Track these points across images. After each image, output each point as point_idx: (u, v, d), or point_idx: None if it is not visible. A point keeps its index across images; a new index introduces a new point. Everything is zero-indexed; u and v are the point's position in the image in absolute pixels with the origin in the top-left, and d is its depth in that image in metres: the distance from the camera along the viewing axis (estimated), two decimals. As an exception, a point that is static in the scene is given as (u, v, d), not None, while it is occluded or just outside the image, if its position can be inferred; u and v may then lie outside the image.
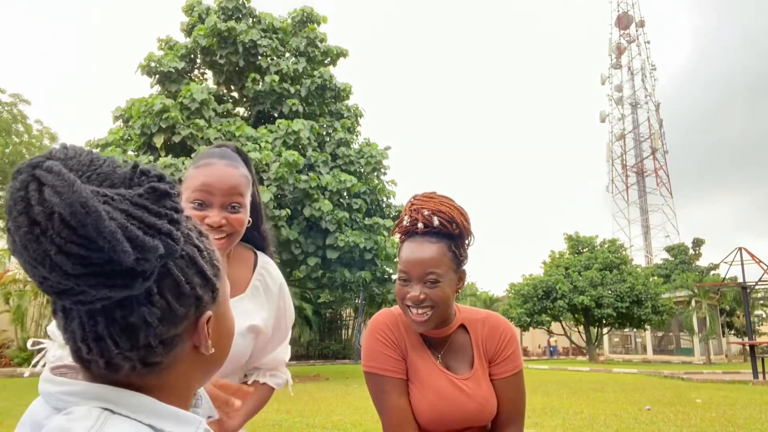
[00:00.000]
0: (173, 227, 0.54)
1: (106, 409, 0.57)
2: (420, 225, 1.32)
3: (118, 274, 0.51)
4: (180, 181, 1.25)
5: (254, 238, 1.46)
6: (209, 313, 0.62)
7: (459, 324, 1.43)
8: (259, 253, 1.46)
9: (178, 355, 0.61)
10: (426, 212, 1.32)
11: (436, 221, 1.31)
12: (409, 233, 1.36)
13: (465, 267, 1.39)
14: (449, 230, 1.32)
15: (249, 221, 1.32)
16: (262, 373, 1.44)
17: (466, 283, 1.41)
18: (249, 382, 1.42)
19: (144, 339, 0.56)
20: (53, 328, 1.12)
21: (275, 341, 1.45)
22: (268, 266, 1.45)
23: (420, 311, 1.31)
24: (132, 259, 0.50)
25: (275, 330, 1.44)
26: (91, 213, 0.47)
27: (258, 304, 1.39)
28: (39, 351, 1.22)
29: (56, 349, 1.15)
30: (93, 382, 0.59)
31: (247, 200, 1.32)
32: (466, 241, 1.38)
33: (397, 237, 1.43)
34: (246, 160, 1.38)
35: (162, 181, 0.55)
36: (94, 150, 0.55)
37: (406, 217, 1.36)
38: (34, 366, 1.16)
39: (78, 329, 0.56)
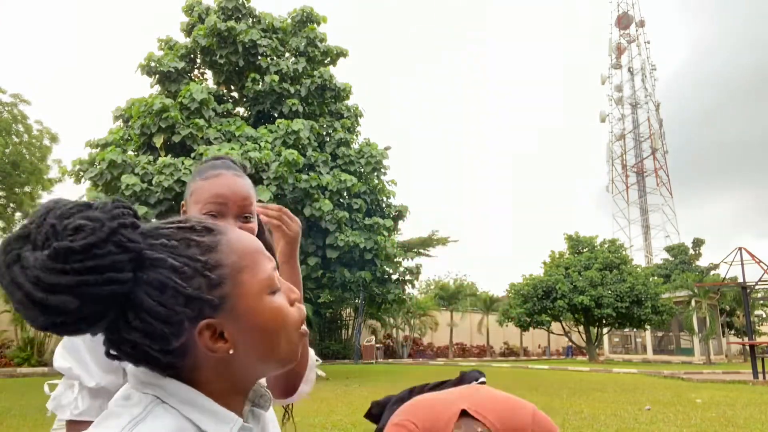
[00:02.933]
0: (85, 276, 0.54)
1: (157, 397, 0.60)
2: None
3: (59, 326, 0.56)
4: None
5: None
6: (205, 322, 0.59)
7: None
8: None
9: (197, 358, 0.60)
10: None
11: None
12: None
13: None
14: None
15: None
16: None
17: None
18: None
19: (149, 351, 0.59)
20: (60, 362, 1.04)
21: None
22: None
23: None
24: (42, 320, 0.55)
25: None
26: (6, 287, 0.54)
27: None
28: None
29: (66, 389, 1.06)
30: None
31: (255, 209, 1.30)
32: None
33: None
34: (244, 169, 1.34)
35: (77, 233, 0.54)
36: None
37: None
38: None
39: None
